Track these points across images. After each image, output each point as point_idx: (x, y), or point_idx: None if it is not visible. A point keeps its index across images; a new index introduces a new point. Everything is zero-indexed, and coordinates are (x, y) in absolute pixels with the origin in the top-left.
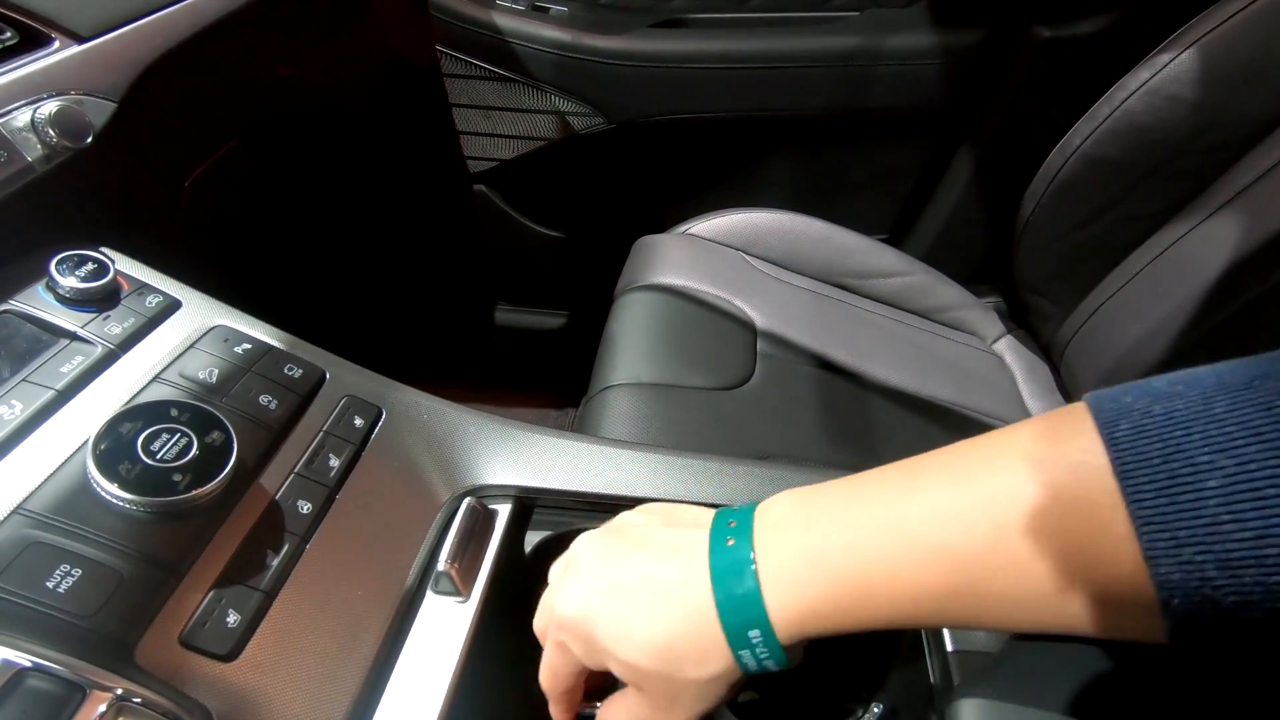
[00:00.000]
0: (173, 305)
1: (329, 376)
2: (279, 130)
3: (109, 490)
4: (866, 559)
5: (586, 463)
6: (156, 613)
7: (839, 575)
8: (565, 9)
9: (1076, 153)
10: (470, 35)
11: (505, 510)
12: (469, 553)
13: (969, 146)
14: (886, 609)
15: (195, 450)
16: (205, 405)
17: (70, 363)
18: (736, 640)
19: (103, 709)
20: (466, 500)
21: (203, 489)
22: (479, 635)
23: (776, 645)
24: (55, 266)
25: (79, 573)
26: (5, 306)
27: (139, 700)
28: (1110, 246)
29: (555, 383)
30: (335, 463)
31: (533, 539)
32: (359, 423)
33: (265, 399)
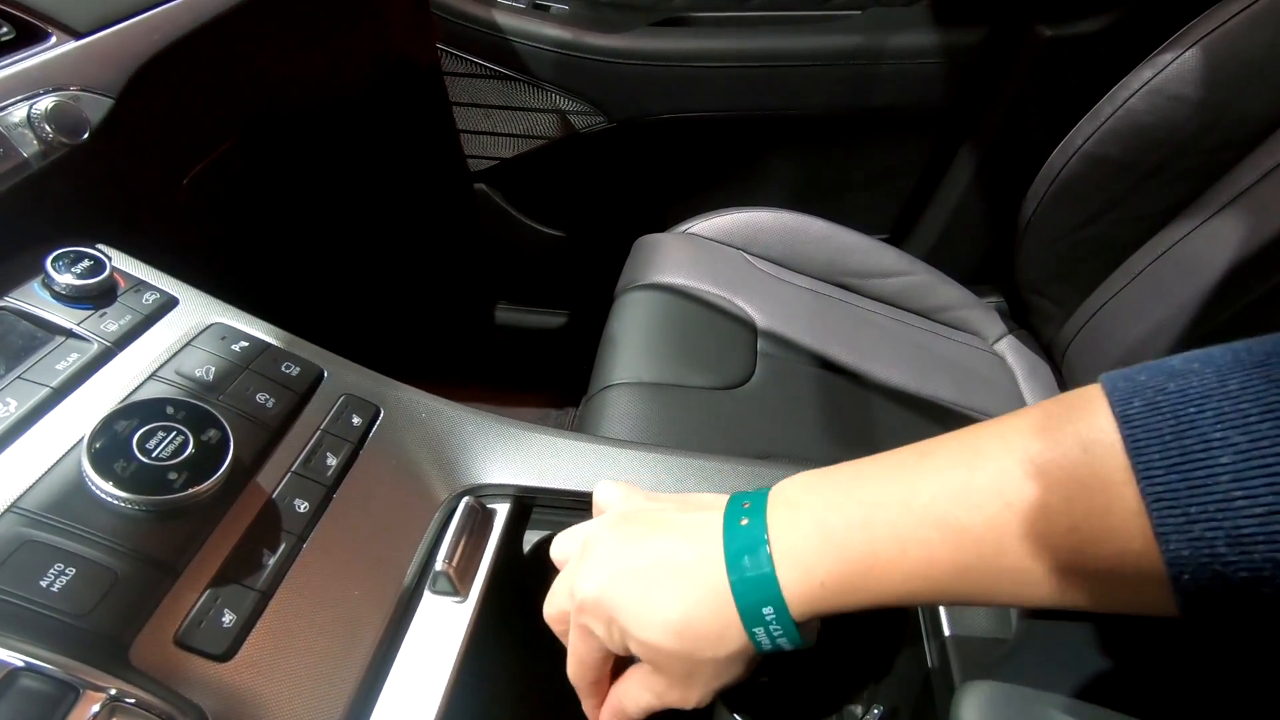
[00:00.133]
0: (169, 302)
1: (327, 375)
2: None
3: (104, 488)
4: (877, 535)
5: (585, 462)
6: (151, 612)
7: (851, 551)
8: (566, 7)
9: (1078, 152)
10: (471, 33)
11: (504, 510)
12: (467, 552)
13: (971, 146)
14: (898, 585)
15: (191, 448)
16: (202, 403)
17: (66, 360)
18: (750, 618)
19: (96, 709)
20: (465, 499)
21: (199, 487)
22: (477, 635)
23: (790, 623)
24: (51, 263)
25: (73, 571)
26: (0, 303)
27: (133, 700)
28: (1112, 246)
29: (555, 382)
30: (333, 461)
31: (531, 538)
32: (357, 421)
33: (262, 397)
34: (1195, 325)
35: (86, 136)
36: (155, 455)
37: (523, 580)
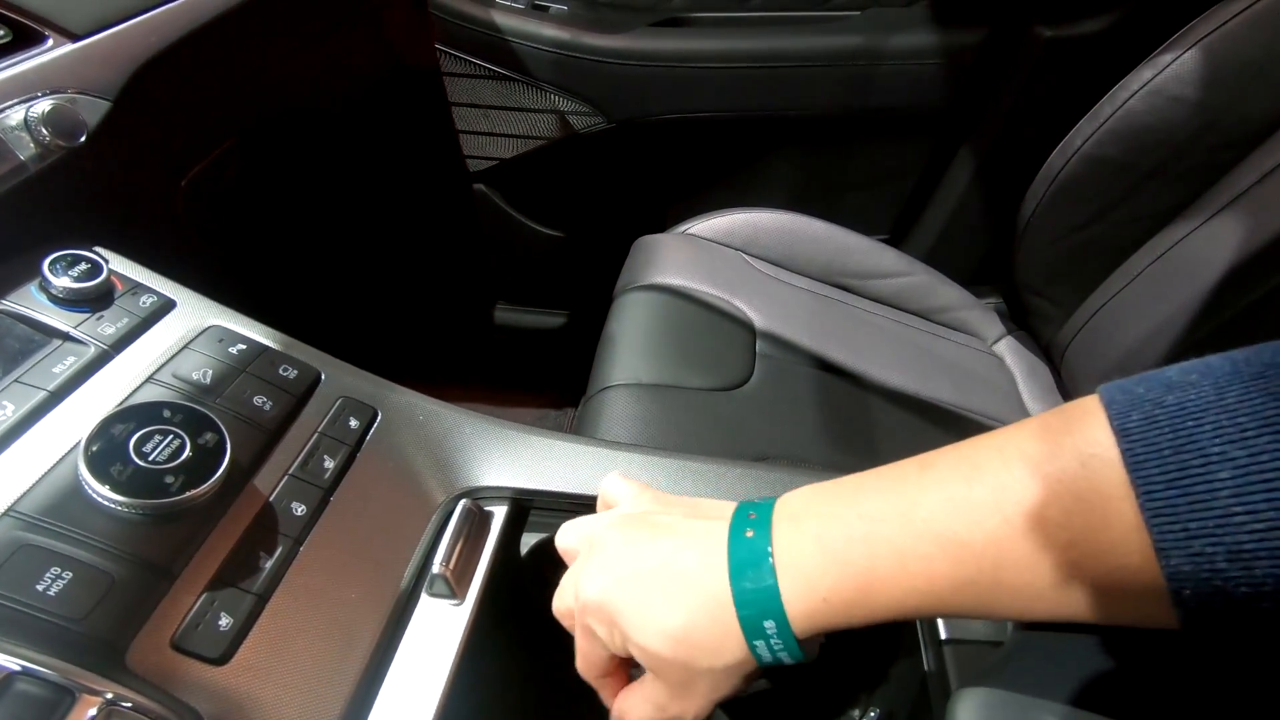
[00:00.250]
0: (167, 305)
1: (324, 377)
2: (277, 129)
3: (101, 492)
4: (877, 550)
5: (583, 464)
6: (148, 616)
7: (851, 567)
8: (565, 7)
9: (1078, 153)
10: (470, 34)
11: (501, 512)
12: (464, 555)
13: (970, 146)
14: (899, 599)
15: (188, 452)
16: (199, 406)
17: (63, 363)
18: (751, 631)
19: (93, 713)
20: (462, 502)
21: (196, 491)
22: (474, 638)
23: (791, 637)
24: (48, 266)
25: (70, 575)
26: None
27: (129, 704)
28: (1112, 247)
29: (554, 382)
30: (330, 464)
31: (529, 541)
32: (354, 424)
33: (259, 400)
34: (1195, 326)
35: (83, 139)
36: (152, 459)
37: (520, 583)
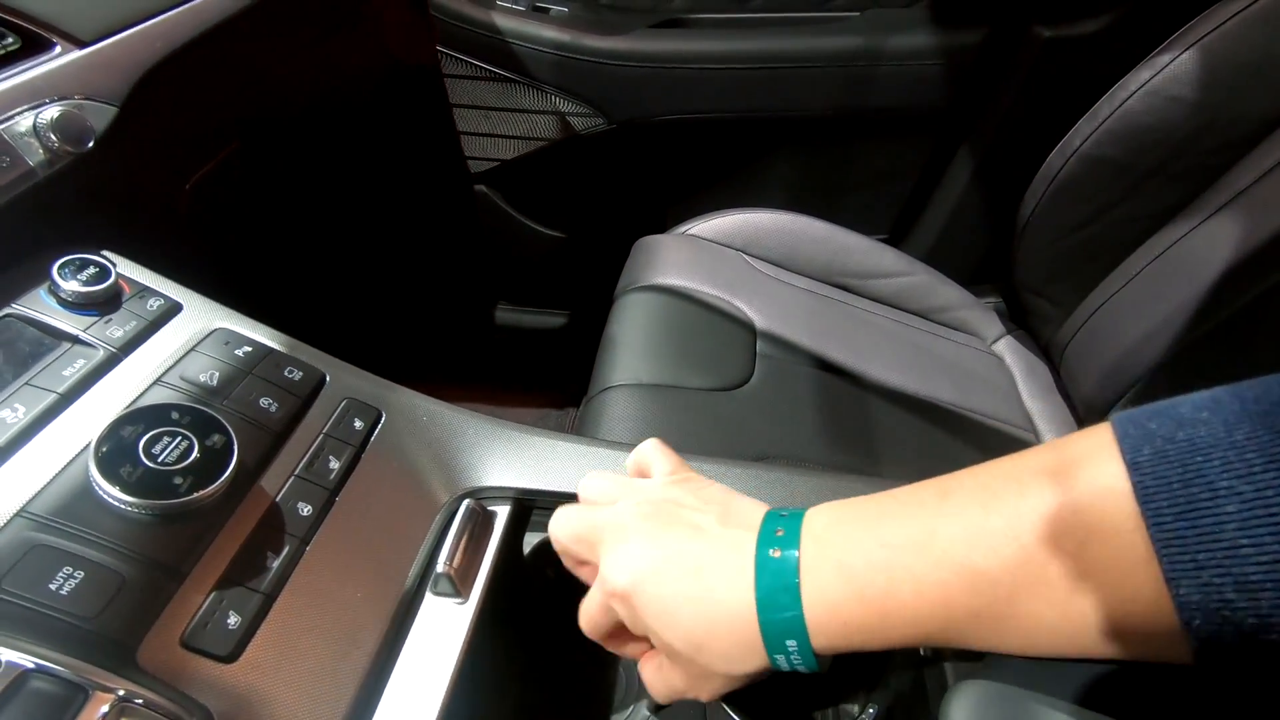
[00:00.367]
0: (173, 308)
1: (329, 379)
2: (280, 132)
3: (111, 493)
4: (896, 578)
5: (584, 465)
6: (158, 614)
7: (871, 592)
8: (565, 9)
9: (1077, 153)
10: (470, 36)
11: (504, 512)
12: (468, 554)
13: (969, 146)
14: (915, 627)
15: (196, 453)
16: (206, 408)
17: (72, 366)
18: (774, 647)
19: (105, 710)
20: (465, 502)
21: (204, 491)
22: (477, 636)
23: (811, 655)
24: (57, 270)
25: (81, 575)
26: (7, 310)
27: (140, 701)
28: (1110, 247)
29: (556, 383)
30: (335, 465)
31: (531, 540)
32: (359, 425)
33: (265, 401)
34: (1193, 325)
35: (91, 145)
36: (161, 460)
37: (522, 581)
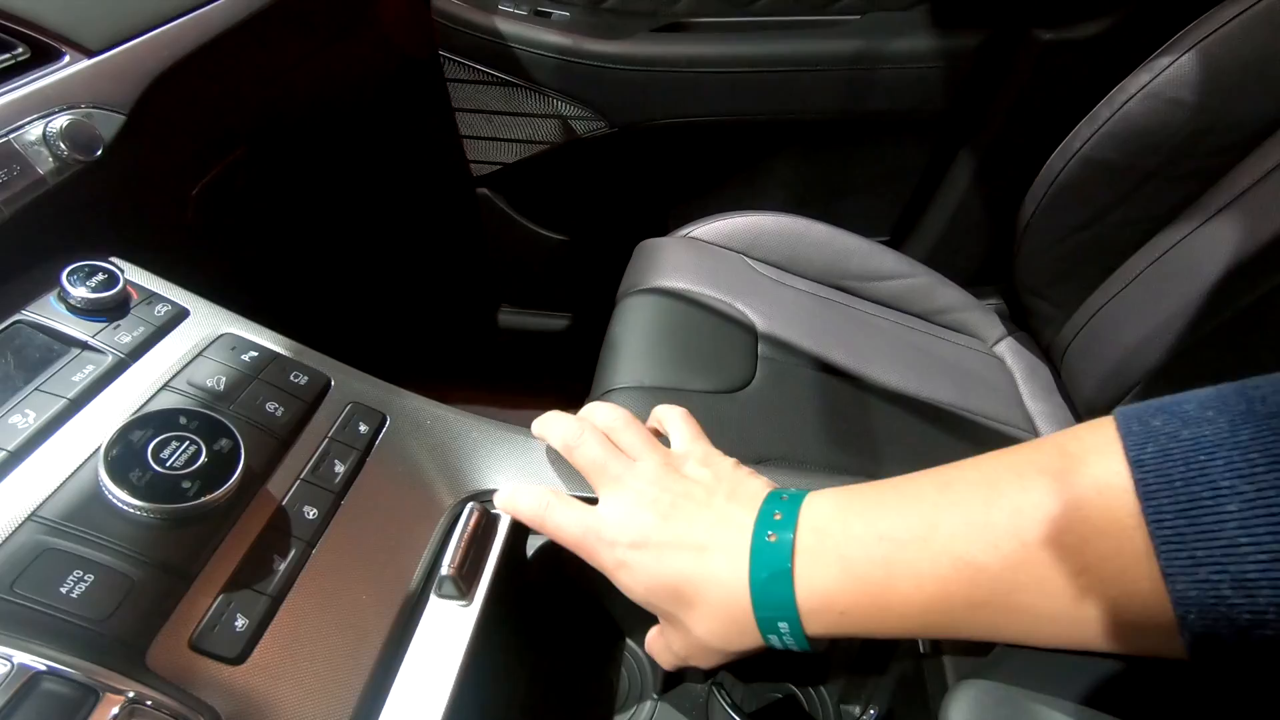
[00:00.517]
0: (181, 314)
1: (334, 383)
2: (284, 137)
3: (120, 497)
4: (895, 571)
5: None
6: (167, 617)
7: (871, 585)
8: (567, 14)
9: (1077, 155)
10: (473, 40)
11: (507, 515)
12: (472, 557)
13: (970, 149)
14: (914, 618)
15: (204, 457)
16: (213, 413)
17: (81, 372)
18: (766, 627)
19: (115, 711)
20: (469, 505)
21: (211, 495)
22: (481, 638)
23: (803, 638)
24: (66, 277)
25: (91, 578)
26: (18, 317)
27: (150, 703)
28: (1111, 249)
29: (558, 385)
30: (340, 469)
31: (535, 544)
32: (364, 429)
33: (272, 406)
34: (1194, 327)
35: (100, 153)
36: (169, 464)
37: (526, 584)
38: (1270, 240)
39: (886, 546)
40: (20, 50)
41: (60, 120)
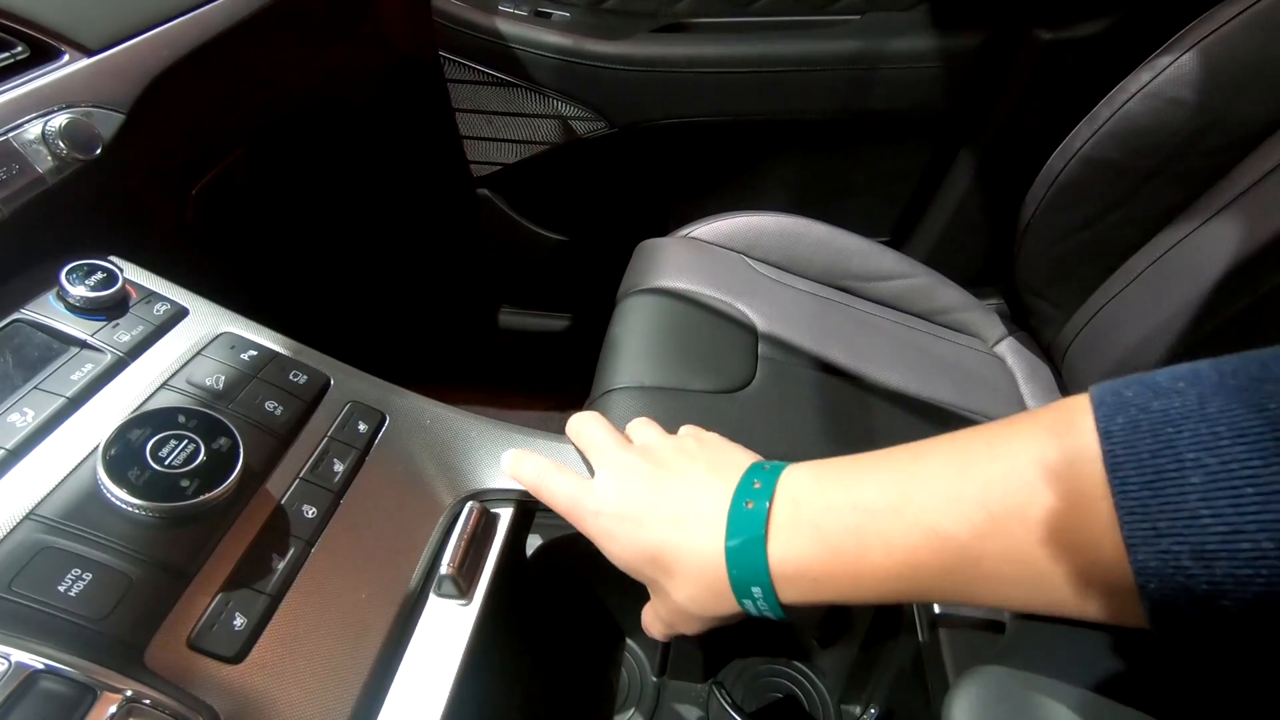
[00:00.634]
0: (180, 313)
1: (333, 382)
2: (284, 137)
3: (119, 496)
4: (868, 541)
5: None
6: (165, 615)
7: (844, 555)
8: (567, 14)
9: (1077, 155)
10: (473, 41)
11: (507, 514)
12: (471, 556)
13: (970, 149)
14: (884, 584)
15: (203, 456)
16: (212, 412)
17: (80, 370)
18: (740, 592)
19: (113, 710)
20: (469, 504)
21: (210, 494)
22: (480, 637)
23: (776, 604)
24: (65, 276)
25: (90, 577)
26: (17, 315)
27: (148, 701)
28: (1111, 249)
29: (558, 385)
30: (340, 468)
31: (534, 543)
32: (363, 428)
33: (271, 405)
34: (1194, 327)
35: (99, 152)
36: (168, 463)
37: (525, 583)
38: (1271, 240)
39: (860, 516)
40: (20, 49)
41: (60, 119)
